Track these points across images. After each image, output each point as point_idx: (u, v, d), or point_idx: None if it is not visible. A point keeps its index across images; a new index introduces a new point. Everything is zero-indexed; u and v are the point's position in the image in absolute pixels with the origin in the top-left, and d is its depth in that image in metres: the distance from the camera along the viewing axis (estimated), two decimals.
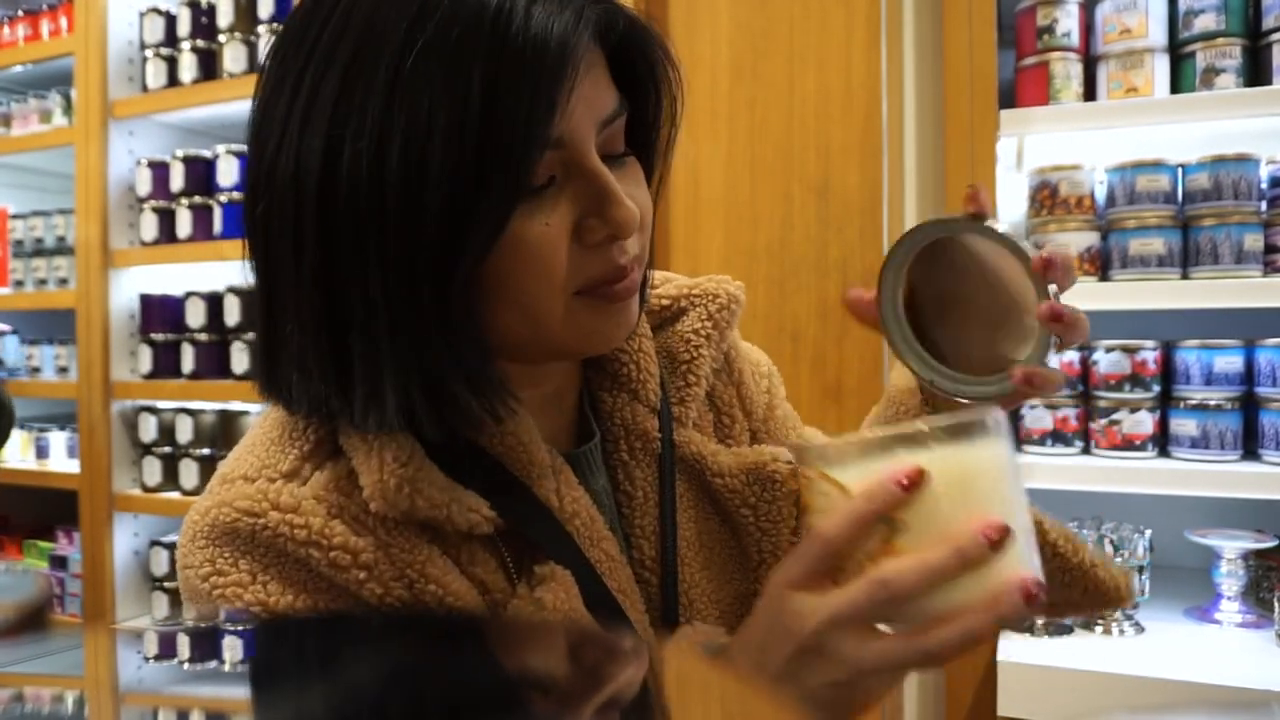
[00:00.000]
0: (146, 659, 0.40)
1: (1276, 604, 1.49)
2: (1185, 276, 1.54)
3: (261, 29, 2.11)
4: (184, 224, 2.22)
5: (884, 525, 0.52)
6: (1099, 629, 1.54)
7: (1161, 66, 1.55)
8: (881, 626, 0.52)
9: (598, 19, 0.58)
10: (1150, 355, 1.57)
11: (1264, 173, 1.53)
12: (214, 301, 2.21)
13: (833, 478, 0.54)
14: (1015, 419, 1.66)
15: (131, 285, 2.35)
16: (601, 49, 0.60)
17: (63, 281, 2.49)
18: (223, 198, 2.18)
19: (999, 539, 0.50)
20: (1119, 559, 1.53)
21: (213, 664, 0.39)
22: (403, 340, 0.56)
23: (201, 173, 2.23)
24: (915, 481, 0.51)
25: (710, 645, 0.62)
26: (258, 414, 2.21)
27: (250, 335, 2.16)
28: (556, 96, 0.55)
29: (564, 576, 0.61)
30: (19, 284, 2.58)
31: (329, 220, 0.56)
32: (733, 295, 0.77)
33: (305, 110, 0.56)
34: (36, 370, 2.58)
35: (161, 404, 2.33)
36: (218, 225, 2.20)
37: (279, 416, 0.65)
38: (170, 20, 2.28)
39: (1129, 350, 1.58)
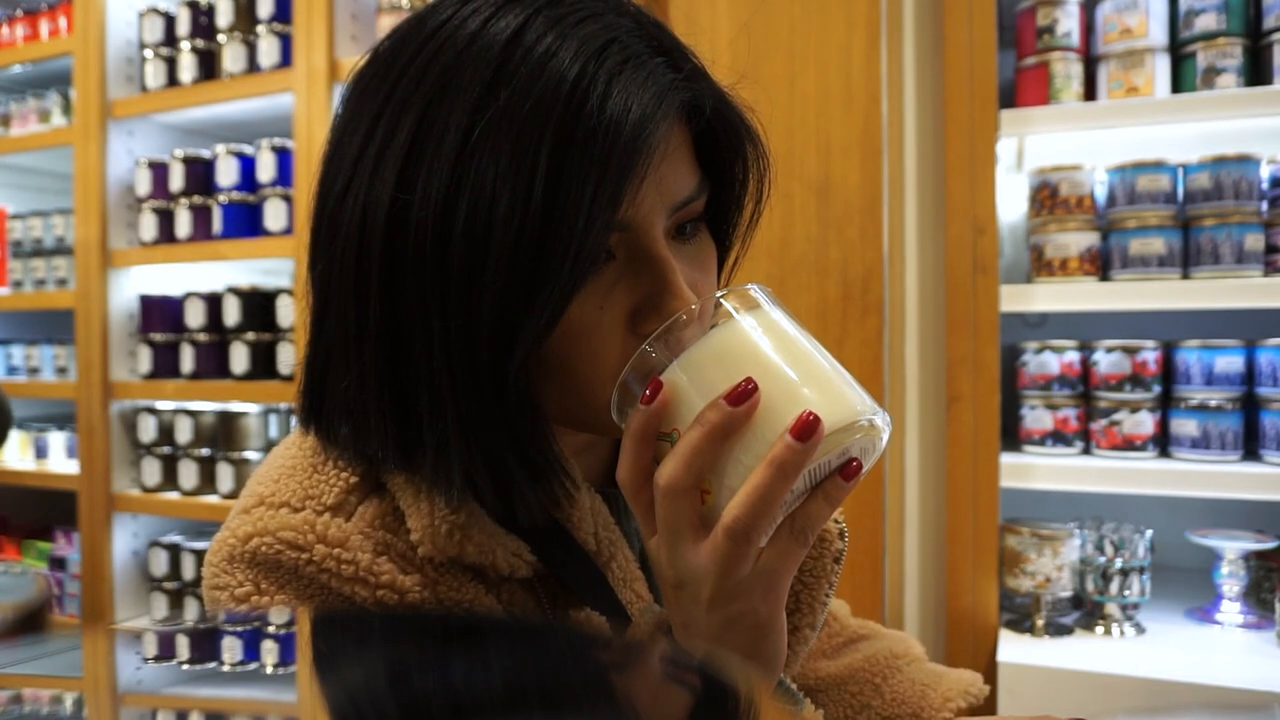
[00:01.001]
0: (145, 660, 0.40)
1: (1277, 605, 1.49)
2: (1186, 277, 1.54)
3: (261, 29, 2.11)
4: (183, 224, 2.22)
5: (664, 442, 0.53)
6: (1100, 629, 1.54)
7: (1162, 66, 1.55)
8: None
9: (684, 102, 0.56)
10: (1151, 355, 1.57)
11: (1265, 173, 1.53)
12: (213, 302, 2.21)
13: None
14: (1016, 420, 1.66)
15: (131, 286, 2.35)
16: (688, 126, 0.58)
17: (62, 282, 2.49)
18: (222, 198, 2.18)
19: (742, 395, 0.49)
20: (1120, 560, 1.53)
21: (212, 664, 0.39)
22: (464, 412, 0.55)
23: (201, 173, 2.23)
24: (654, 393, 0.52)
25: (650, 619, 0.61)
26: (256, 415, 2.22)
27: (250, 335, 2.16)
28: (625, 184, 0.53)
29: (599, 623, 0.61)
30: (18, 284, 2.58)
31: (393, 277, 0.55)
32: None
33: (376, 158, 0.55)
34: (36, 371, 2.57)
35: (161, 404, 2.33)
36: (217, 225, 2.20)
37: (315, 444, 0.62)
38: (170, 20, 2.28)
39: (1129, 350, 1.58)
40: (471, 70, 0.53)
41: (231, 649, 0.41)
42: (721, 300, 0.54)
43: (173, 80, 2.26)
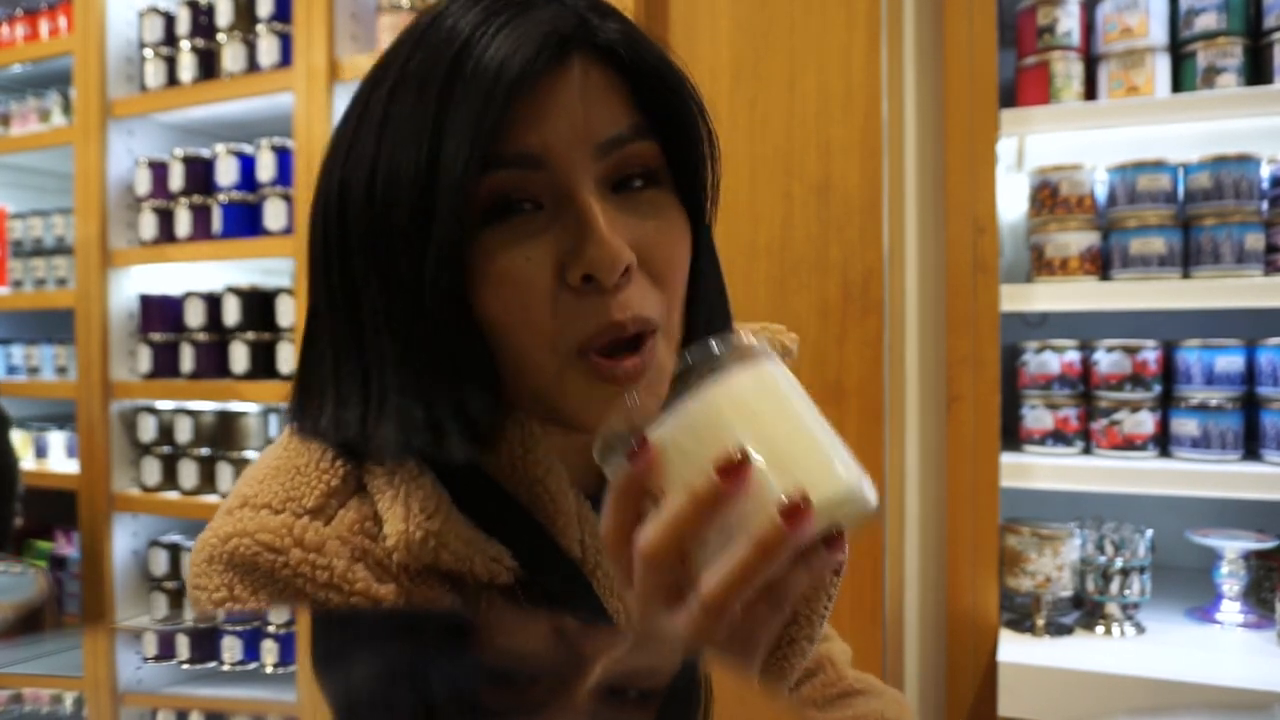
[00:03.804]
0: (145, 659, 0.40)
1: (1277, 605, 1.49)
2: (1186, 276, 1.54)
3: (261, 28, 2.11)
4: (183, 224, 2.21)
5: (648, 500, 0.50)
6: (1100, 629, 1.54)
7: (1162, 66, 1.55)
8: None
9: (574, 33, 0.56)
10: (1151, 355, 1.57)
11: (1265, 172, 1.53)
12: (213, 301, 2.21)
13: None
14: (1016, 419, 1.66)
15: (131, 285, 2.35)
16: (622, 77, 0.59)
17: (62, 281, 2.49)
18: (222, 197, 2.18)
19: (734, 469, 0.47)
20: (1120, 560, 1.53)
21: (212, 664, 0.39)
22: (401, 359, 0.57)
23: (201, 172, 2.23)
24: (643, 454, 0.49)
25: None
26: (256, 414, 2.22)
27: (250, 335, 2.16)
28: (489, 111, 0.53)
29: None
30: (18, 284, 2.58)
31: (343, 246, 0.58)
32: (786, 348, 0.73)
33: (332, 148, 0.61)
34: (36, 370, 2.57)
35: (160, 404, 2.33)
36: (217, 225, 2.20)
37: (301, 444, 0.63)
38: (169, 20, 2.27)
39: (1130, 350, 1.57)
40: (400, 49, 0.58)
41: (231, 649, 0.41)
42: (718, 350, 0.51)
43: (173, 80, 2.26)
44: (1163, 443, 1.58)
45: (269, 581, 0.57)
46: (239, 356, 2.16)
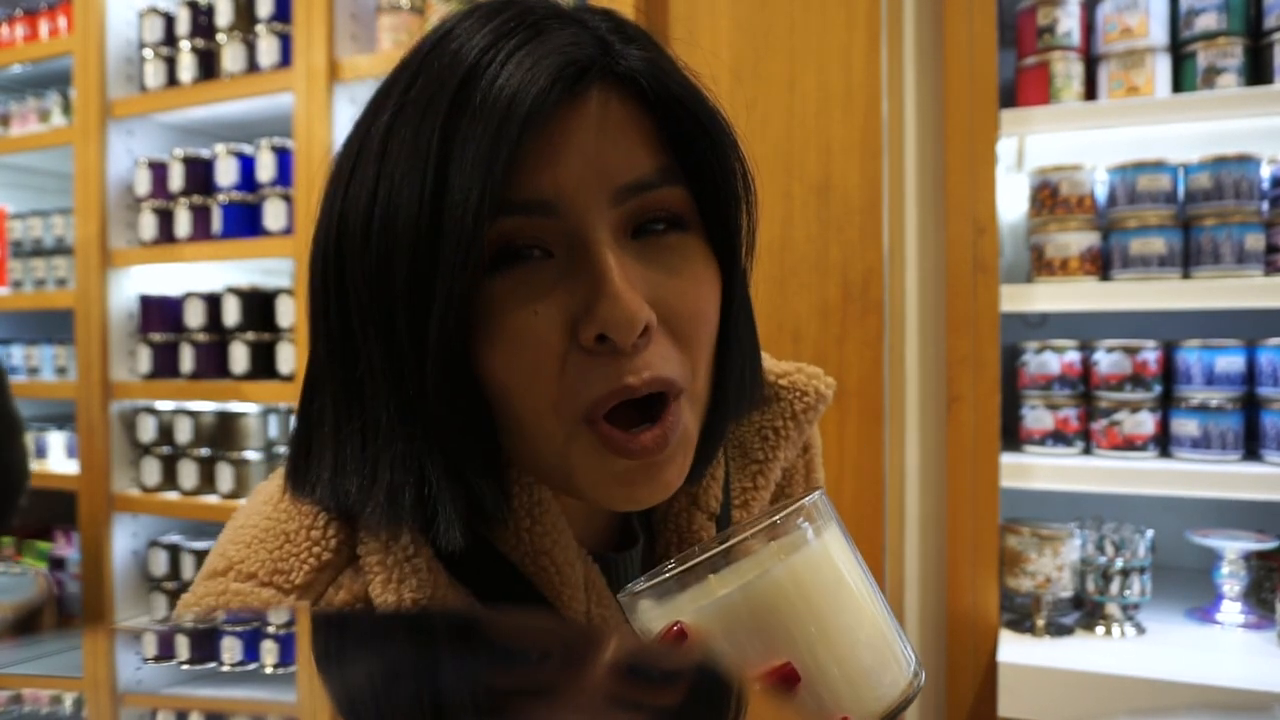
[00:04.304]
0: (145, 659, 0.40)
1: (1277, 605, 1.49)
2: (1186, 276, 1.54)
3: (261, 28, 2.11)
4: (183, 224, 2.21)
5: None
6: (1100, 630, 1.54)
7: (1162, 66, 1.55)
8: None
9: (593, 62, 0.50)
10: (1151, 355, 1.57)
11: (1265, 173, 1.53)
12: (213, 302, 2.21)
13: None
14: (1016, 419, 1.66)
15: (130, 285, 2.35)
16: (648, 113, 0.53)
17: (61, 282, 2.49)
18: (222, 198, 2.18)
19: (781, 682, 0.42)
20: (1120, 560, 1.53)
21: (212, 664, 0.39)
22: (403, 428, 0.51)
23: (201, 173, 2.23)
24: (678, 640, 0.43)
25: None
26: (256, 414, 2.22)
27: (250, 335, 2.16)
28: (501, 147, 0.47)
29: None
30: (18, 284, 2.58)
31: (340, 289, 0.52)
32: (821, 394, 0.67)
33: (333, 178, 0.55)
34: (36, 371, 2.57)
35: (160, 404, 2.33)
36: (217, 225, 2.20)
37: (291, 505, 0.57)
38: (169, 20, 2.27)
39: (1130, 350, 1.57)
40: (403, 71, 0.53)
41: (231, 649, 0.41)
42: (776, 518, 0.45)
43: (173, 80, 2.26)
44: (1163, 443, 1.58)
45: None
46: (239, 357, 2.16)
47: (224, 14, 2.18)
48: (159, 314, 2.27)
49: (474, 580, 0.55)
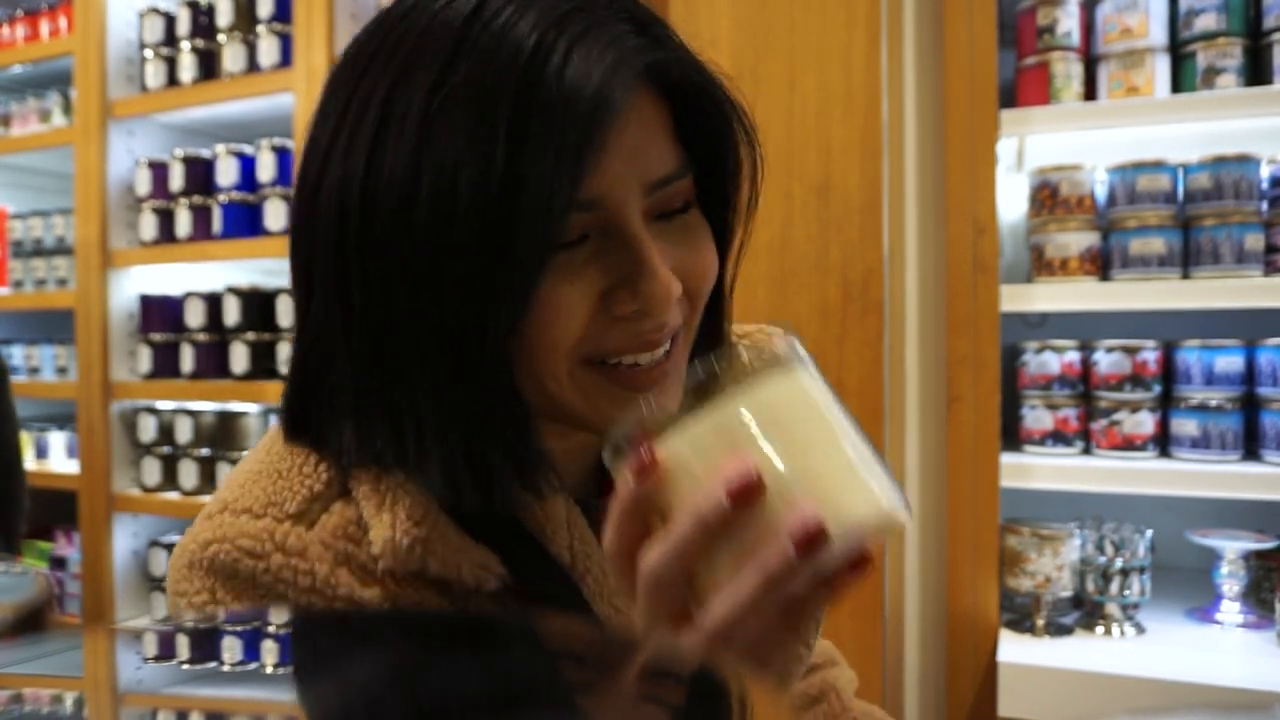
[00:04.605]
0: (145, 659, 0.40)
1: (1277, 605, 1.49)
2: (1186, 276, 1.54)
3: (261, 29, 2.11)
4: (183, 224, 2.21)
5: (654, 513, 0.48)
6: (1100, 629, 1.54)
7: (1162, 66, 1.55)
8: None
9: (648, 67, 0.54)
10: (1151, 355, 1.57)
11: (1265, 173, 1.53)
12: (213, 302, 2.21)
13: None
14: (1016, 419, 1.66)
15: (131, 285, 2.35)
16: (666, 100, 0.56)
17: (62, 282, 2.49)
18: (222, 198, 2.18)
19: (743, 491, 0.44)
20: (1120, 560, 1.53)
21: (212, 664, 0.39)
22: (442, 403, 0.54)
23: (201, 173, 2.23)
24: (649, 468, 0.47)
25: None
26: (256, 414, 2.22)
27: (250, 335, 2.16)
28: (587, 152, 0.50)
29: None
30: (18, 284, 2.58)
31: (369, 266, 0.54)
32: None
33: (347, 145, 0.54)
34: (36, 371, 2.57)
35: (161, 404, 2.33)
36: (217, 225, 2.20)
37: (285, 448, 0.61)
38: (170, 20, 2.27)
39: (1130, 350, 1.57)
40: (432, 47, 0.52)
41: (231, 649, 0.41)
42: (746, 357, 0.48)
43: (173, 80, 2.26)
44: (1163, 443, 1.58)
45: (250, 587, 0.56)
46: (239, 357, 2.16)
47: (224, 14, 2.18)
48: (159, 314, 2.27)
49: (462, 513, 0.58)
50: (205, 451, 2.23)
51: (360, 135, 0.54)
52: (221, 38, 2.18)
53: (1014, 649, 1.49)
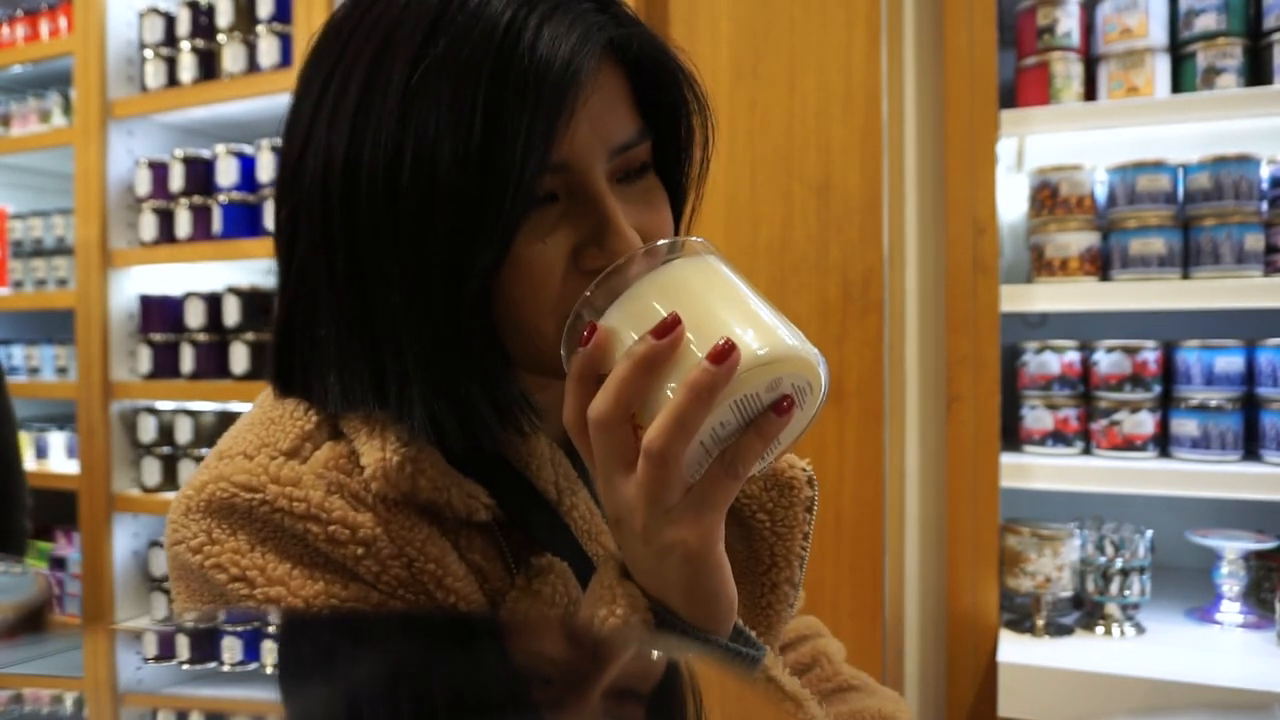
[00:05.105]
0: (145, 659, 0.40)
1: (1277, 605, 1.49)
2: (1186, 277, 1.54)
3: (261, 29, 2.11)
4: (183, 224, 2.22)
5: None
6: (1100, 629, 1.54)
7: (1162, 66, 1.55)
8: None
9: (611, 41, 0.59)
10: (1151, 355, 1.57)
11: (1265, 173, 1.53)
12: (213, 302, 2.21)
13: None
14: (1016, 419, 1.66)
15: (131, 285, 2.35)
16: (626, 72, 0.61)
17: (62, 282, 2.49)
18: (222, 198, 2.18)
19: (666, 328, 0.51)
20: (1120, 560, 1.53)
21: (212, 664, 0.39)
22: (425, 350, 0.58)
23: (201, 173, 2.23)
24: (590, 335, 0.54)
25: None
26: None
27: (250, 335, 2.16)
28: (557, 121, 0.55)
29: (562, 569, 0.61)
30: (18, 284, 2.58)
31: (354, 226, 0.58)
32: None
33: (330, 115, 0.59)
34: (36, 371, 2.57)
35: (161, 404, 2.33)
36: (217, 225, 2.20)
37: (276, 401, 0.65)
38: (170, 20, 2.28)
39: (1130, 350, 1.58)
40: (411, 23, 0.57)
41: (231, 649, 0.41)
42: (661, 248, 0.57)
43: (173, 80, 2.26)
44: (1162, 443, 1.58)
45: (247, 521, 0.58)
46: (239, 357, 2.17)
47: (224, 14, 2.18)
48: (159, 314, 2.27)
49: (449, 450, 0.61)
50: (205, 452, 2.22)
51: (344, 103, 0.58)
52: (221, 38, 2.18)
53: (1014, 649, 1.49)
